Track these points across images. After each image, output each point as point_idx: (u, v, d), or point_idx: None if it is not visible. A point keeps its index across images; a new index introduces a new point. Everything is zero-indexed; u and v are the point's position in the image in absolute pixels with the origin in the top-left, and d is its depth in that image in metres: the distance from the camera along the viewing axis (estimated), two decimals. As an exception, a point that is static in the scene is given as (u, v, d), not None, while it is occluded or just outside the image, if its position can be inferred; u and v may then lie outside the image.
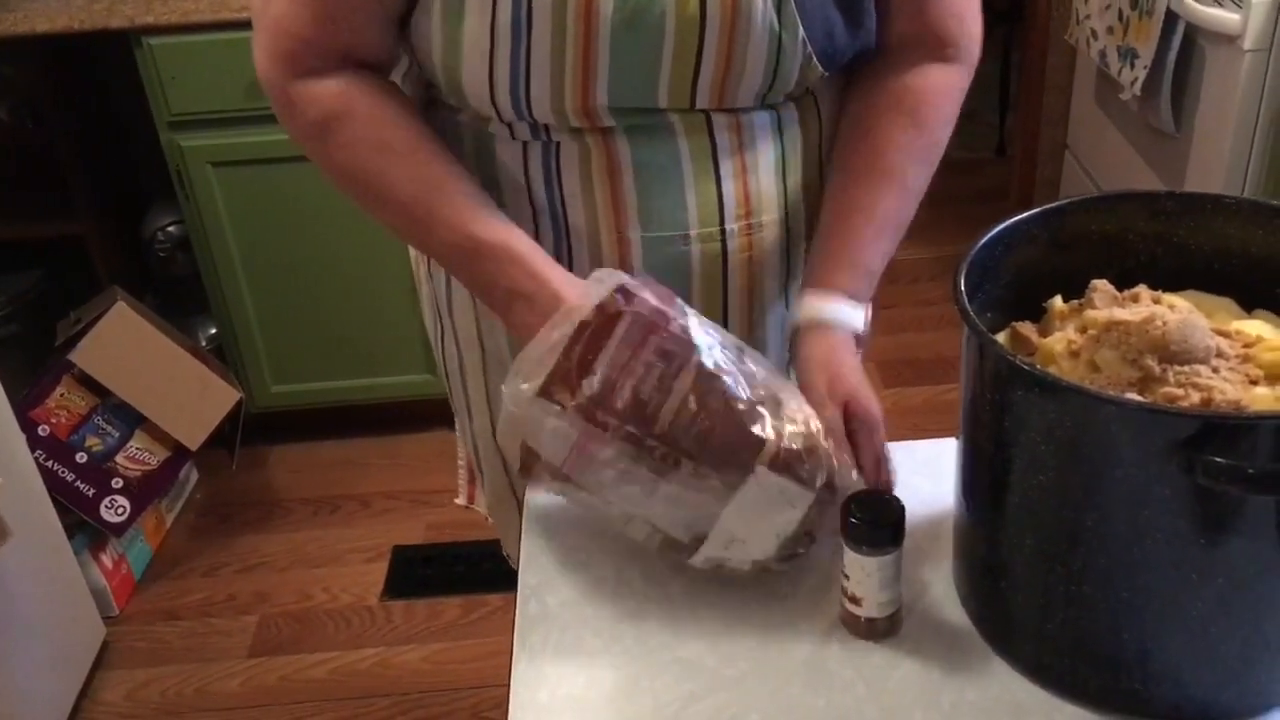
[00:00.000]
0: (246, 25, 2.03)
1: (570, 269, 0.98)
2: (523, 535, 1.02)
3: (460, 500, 1.37)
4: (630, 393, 0.86)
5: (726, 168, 0.99)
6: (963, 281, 0.82)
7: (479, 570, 2.20)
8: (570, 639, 0.91)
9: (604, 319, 0.87)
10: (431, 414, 2.53)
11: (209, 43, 2.07)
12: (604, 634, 0.91)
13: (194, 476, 2.46)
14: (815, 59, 0.94)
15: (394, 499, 2.39)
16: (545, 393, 0.87)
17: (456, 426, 1.29)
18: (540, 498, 1.07)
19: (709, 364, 0.87)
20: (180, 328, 2.38)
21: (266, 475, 2.48)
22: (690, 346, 0.87)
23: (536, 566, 0.99)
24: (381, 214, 0.98)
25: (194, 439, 2.24)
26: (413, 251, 1.20)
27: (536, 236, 1.00)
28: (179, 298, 2.49)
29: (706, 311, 0.97)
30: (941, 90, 1.02)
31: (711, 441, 0.86)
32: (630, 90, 0.93)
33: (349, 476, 2.46)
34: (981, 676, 0.85)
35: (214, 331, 2.48)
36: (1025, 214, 0.88)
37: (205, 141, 2.16)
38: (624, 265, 1.00)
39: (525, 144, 0.99)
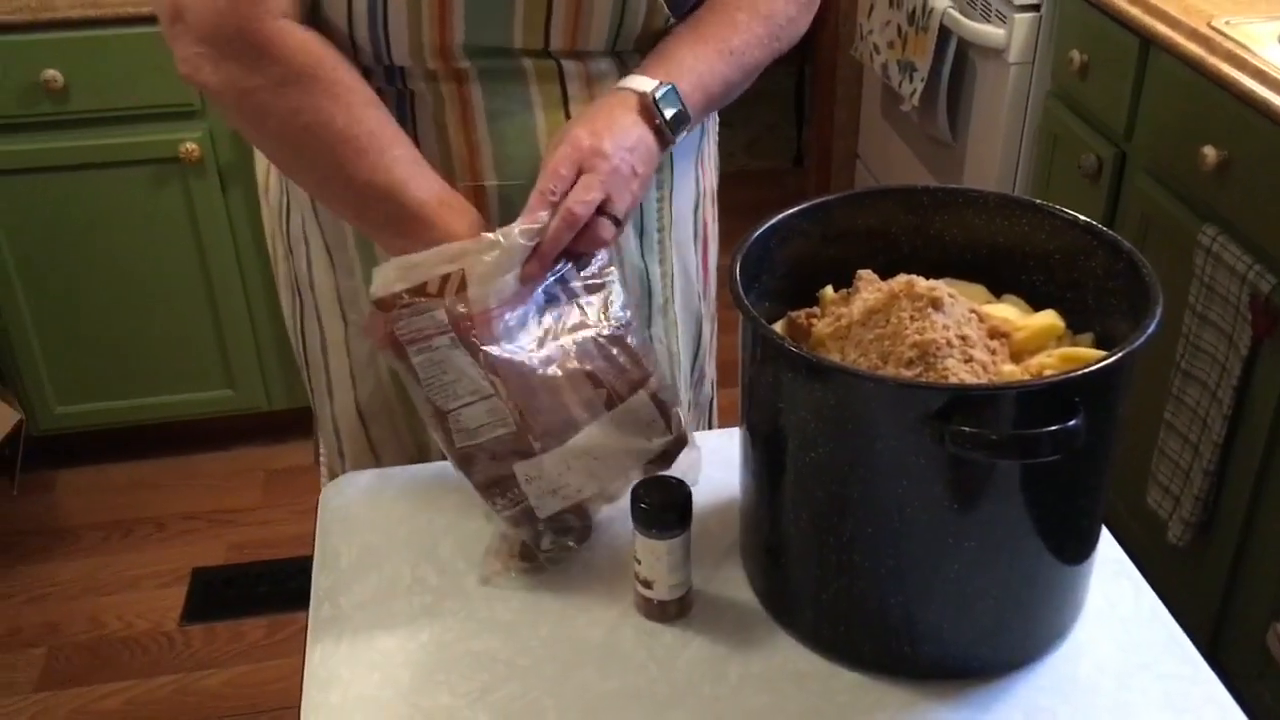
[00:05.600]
0: (16, 29, 1.95)
1: None
2: (316, 538, 1.01)
3: None
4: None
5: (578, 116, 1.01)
6: (738, 271, 0.86)
7: (284, 589, 2.14)
8: (363, 640, 0.91)
9: None
10: (231, 431, 2.46)
11: (-24, 45, 1.96)
12: (398, 633, 0.91)
13: (-29, 505, 2.32)
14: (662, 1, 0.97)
15: (192, 520, 2.30)
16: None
17: (317, 416, 1.26)
18: (336, 499, 1.06)
19: (619, 308, 0.94)
20: (-48, 348, 2.24)
21: (52, 500, 2.35)
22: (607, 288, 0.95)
23: (330, 570, 0.98)
24: (329, 174, 0.95)
25: (-31, 465, 2.11)
26: (269, 228, 1.18)
27: None
28: (-50, 316, 2.34)
29: None
30: None
31: (613, 359, 0.92)
32: (487, 26, 0.94)
33: (143, 499, 2.35)
34: (766, 649, 0.89)
35: (-10, 351, 2.34)
36: (795, 209, 0.93)
37: (-25, 149, 2.05)
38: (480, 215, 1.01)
39: (379, 92, 0.98)
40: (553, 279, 0.94)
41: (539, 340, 0.91)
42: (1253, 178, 1.57)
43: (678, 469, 0.95)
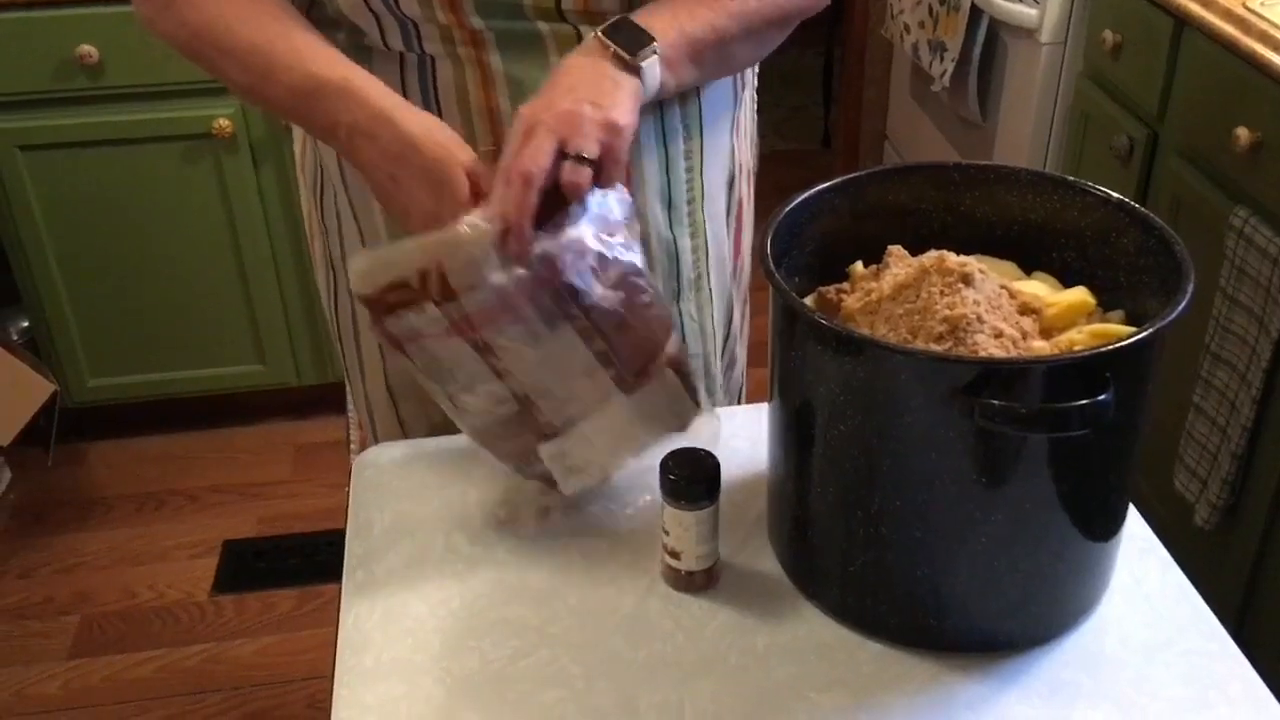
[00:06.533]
0: (53, 3, 1.97)
1: None
2: (350, 506, 1.03)
3: None
4: (569, 263, 0.87)
5: None
6: (769, 246, 0.87)
7: (314, 561, 2.17)
8: (397, 605, 0.92)
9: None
10: (263, 405, 2.49)
11: (14, 21, 1.98)
12: (431, 599, 0.93)
13: (6, 475, 2.35)
14: None
15: (224, 493, 2.34)
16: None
17: (349, 393, 1.27)
18: (369, 469, 1.07)
19: (639, 263, 0.90)
20: (-12, 320, 2.27)
21: (86, 472, 2.39)
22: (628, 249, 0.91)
23: (363, 537, 0.99)
24: (226, 70, 0.98)
25: (4, 435, 2.14)
26: (305, 205, 1.19)
27: None
28: (-14, 289, 2.38)
29: None
30: None
31: (627, 332, 0.90)
32: None
33: (175, 471, 2.38)
34: (792, 621, 0.90)
35: (25, 325, 2.37)
36: (826, 185, 0.93)
37: (12, 124, 2.07)
38: None
39: (402, 58, 0.99)
40: (573, 232, 0.88)
41: (547, 325, 0.88)
42: (1286, 159, 1.56)
43: (698, 440, 0.94)
